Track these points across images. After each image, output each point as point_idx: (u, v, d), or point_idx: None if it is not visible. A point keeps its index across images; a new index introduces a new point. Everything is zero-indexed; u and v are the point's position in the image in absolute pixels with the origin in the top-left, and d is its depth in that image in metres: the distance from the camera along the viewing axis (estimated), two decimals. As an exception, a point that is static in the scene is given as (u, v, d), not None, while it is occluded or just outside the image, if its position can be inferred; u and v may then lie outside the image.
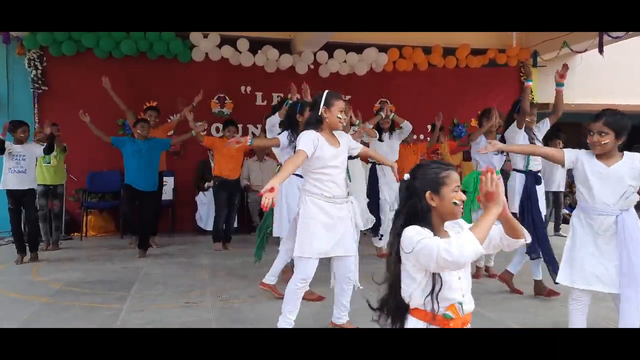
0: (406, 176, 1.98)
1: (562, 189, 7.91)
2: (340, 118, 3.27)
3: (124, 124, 7.94)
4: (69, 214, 7.72)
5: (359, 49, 8.59)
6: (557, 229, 8.17)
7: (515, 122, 4.50)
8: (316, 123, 3.28)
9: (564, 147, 4.53)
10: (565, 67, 4.28)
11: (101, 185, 7.87)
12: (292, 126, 4.35)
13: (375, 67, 8.74)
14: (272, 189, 2.67)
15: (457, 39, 9.05)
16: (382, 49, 8.69)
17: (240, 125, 7.87)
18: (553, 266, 4.22)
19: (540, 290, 4.52)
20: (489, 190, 1.78)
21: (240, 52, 8.32)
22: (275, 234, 4.55)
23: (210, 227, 7.71)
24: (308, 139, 3.19)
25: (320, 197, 3.27)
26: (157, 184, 6.46)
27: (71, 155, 7.12)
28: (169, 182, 7.91)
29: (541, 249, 4.34)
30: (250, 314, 4.06)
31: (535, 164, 4.53)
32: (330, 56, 8.53)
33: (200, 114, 8.39)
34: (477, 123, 6.12)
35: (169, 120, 8.17)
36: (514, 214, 4.21)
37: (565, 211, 10.01)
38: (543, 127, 4.64)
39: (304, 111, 4.22)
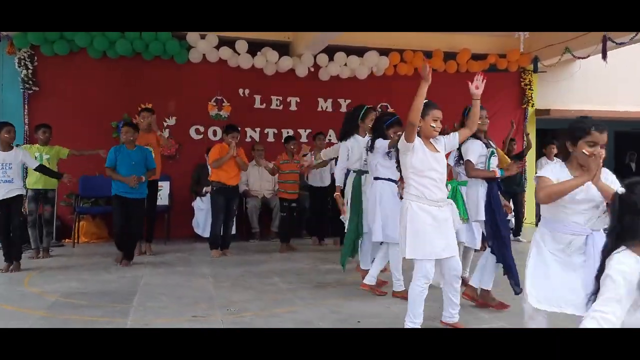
0: (621, 190, 1.97)
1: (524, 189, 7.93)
2: (433, 127, 3.45)
3: (119, 127, 7.65)
4: (60, 219, 7.42)
5: (359, 52, 8.43)
6: (516, 233, 7.88)
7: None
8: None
9: (557, 153, 4.19)
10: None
11: (94, 189, 7.59)
12: (353, 130, 4.90)
13: (376, 71, 8.59)
14: None
15: (457, 44, 8.96)
16: (383, 52, 8.54)
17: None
18: (514, 278, 4.05)
19: (488, 301, 4.27)
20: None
21: (238, 54, 8.11)
22: (375, 239, 4.60)
23: (208, 234, 7.47)
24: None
25: (425, 201, 3.43)
26: (146, 190, 6.20)
27: (63, 159, 6.83)
28: (164, 187, 7.65)
29: (501, 256, 4.11)
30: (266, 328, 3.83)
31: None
32: (331, 59, 8.36)
33: (197, 117, 8.19)
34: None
35: (164, 124, 7.96)
36: (483, 221, 4.20)
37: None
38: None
39: (366, 117, 4.85)
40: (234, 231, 7.04)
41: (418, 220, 3.43)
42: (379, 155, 4.52)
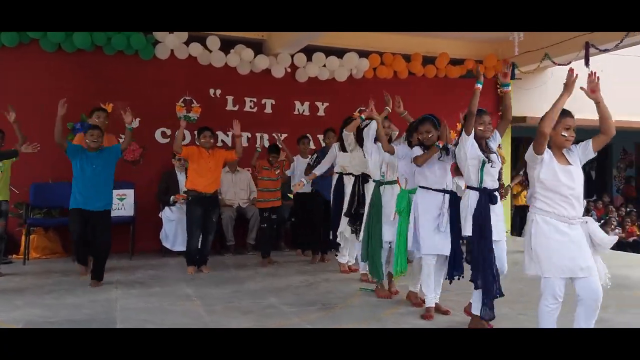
0: None
1: None
2: (565, 136, 3.16)
3: (75, 129, 6.83)
4: (6, 232, 6.51)
5: (339, 53, 7.99)
6: None
7: (462, 129, 3.81)
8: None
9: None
10: (506, 72, 3.86)
11: (47, 199, 6.73)
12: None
13: (356, 73, 8.17)
14: None
15: (436, 48, 8.73)
16: (363, 54, 8.14)
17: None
18: (488, 304, 3.67)
19: (477, 325, 3.90)
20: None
21: (210, 51, 7.49)
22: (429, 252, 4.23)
23: (178, 247, 6.80)
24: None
25: (552, 216, 3.14)
26: (111, 202, 5.49)
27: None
28: (127, 195, 6.90)
29: (482, 281, 3.68)
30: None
31: (490, 180, 3.79)
32: (309, 60, 7.87)
33: (164, 118, 7.48)
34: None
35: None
36: (468, 237, 3.77)
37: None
38: (496, 137, 3.98)
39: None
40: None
41: (542, 235, 3.14)
42: (405, 163, 4.44)
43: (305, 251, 7.02)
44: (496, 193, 3.80)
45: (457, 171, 4.13)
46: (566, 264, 3.07)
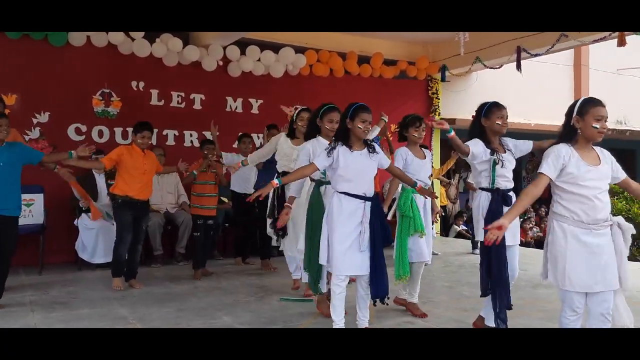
0: None
1: None
2: (596, 128, 2.76)
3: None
4: None
5: (274, 48, 7.51)
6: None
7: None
8: (567, 135, 2.85)
9: None
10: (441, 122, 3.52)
11: None
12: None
13: (292, 70, 7.73)
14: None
15: (371, 48, 8.55)
16: (299, 50, 7.73)
17: (129, 129, 6.11)
18: (501, 314, 3.44)
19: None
20: None
21: (132, 39, 6.72)
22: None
23: (98, 259, 6.00)
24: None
25: (571, 222, 2.78)
26: (20, 206, 4.66)
27: None
28: (36, 200, 5.99)
29: (494, 289, 3.44)
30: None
31: (504, 181, 3.57)
32: (243, 53, 7.32)
33: (78, 113, 6.62)
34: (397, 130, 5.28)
35: (34, 121, 6.30)
36: (481, 242, 3.51)
37: (463, 227, 9.99)
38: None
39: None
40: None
41: (558, 244, 2.81)
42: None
43: (246, 259, 6.46)
44: (510, 193, 3.54)
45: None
46: (586, 277, 2.76)
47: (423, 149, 4.35)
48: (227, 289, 5.18)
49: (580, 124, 2.78)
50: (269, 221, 4.98)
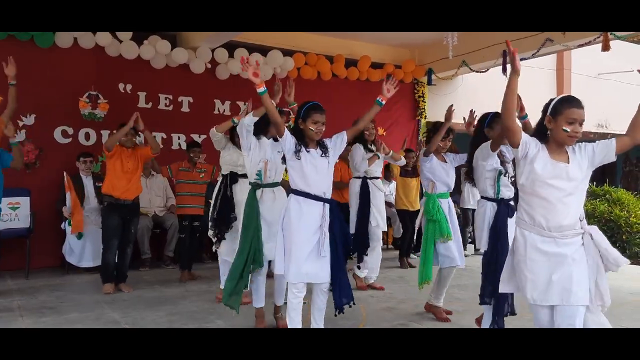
0: None
1: None
2: (566, 131, 2.53)
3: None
4: None
5: (262, 51, 7.51)
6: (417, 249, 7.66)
7: (489, 144, 3.55)
8: (538, 134, 2.66)
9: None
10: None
11: None
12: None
13: (280, 73, 7.73)
14: None
15: (358, 51, 8.59)
16: (287, 53, 7.74)
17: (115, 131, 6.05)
18: (498, 321, 3.50)
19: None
20: None
21: (120, 41, 6.67)
22: None
23: (85, 263, 5.94)
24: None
25: (531, 229, 2.57)
26: None
27: None
28: (22, 203, 5.93)
29: (496, 298, 3.45)
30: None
31: (507, 191, 3.60)
32: (231, 56, 7.30)
33: (65, 116, 6.55)
34: (425, 137, 5.49)
35: (19, 123, 6.22)
36: (484, 252, 3.56)
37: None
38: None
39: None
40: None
41: (519, 253, 2.63)
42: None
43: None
44: (512, 202, 3.56)
45: (468, 177, 3.82)
46: (543, 289, 2.53)
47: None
48: (217, 292, 5.15)
49: (552, 124, 2.57)
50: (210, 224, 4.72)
